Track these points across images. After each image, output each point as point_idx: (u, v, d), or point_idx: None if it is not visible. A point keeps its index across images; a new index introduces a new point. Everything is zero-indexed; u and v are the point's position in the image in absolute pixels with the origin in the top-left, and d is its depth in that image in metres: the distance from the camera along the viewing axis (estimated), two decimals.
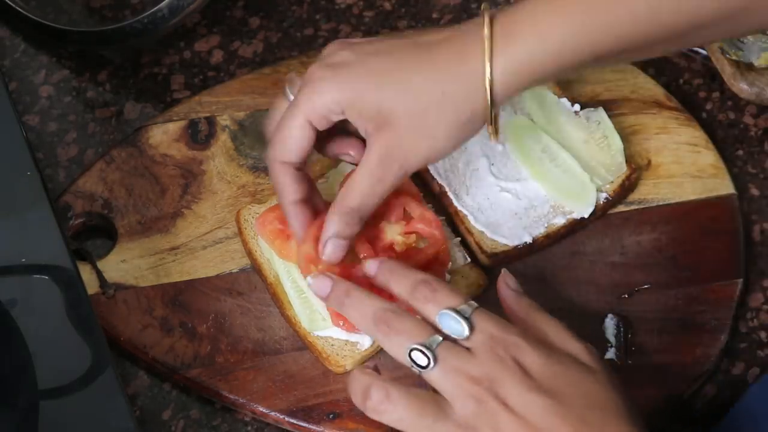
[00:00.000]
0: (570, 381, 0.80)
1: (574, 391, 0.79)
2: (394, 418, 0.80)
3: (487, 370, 0.79)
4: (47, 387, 0.89)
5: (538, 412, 0.77)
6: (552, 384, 0.79)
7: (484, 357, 0.79)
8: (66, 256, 0.96)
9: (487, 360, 0.79)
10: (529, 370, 0.79)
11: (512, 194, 1.02)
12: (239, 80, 1.12)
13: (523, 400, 0.78)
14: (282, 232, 0.99)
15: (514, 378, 0.78)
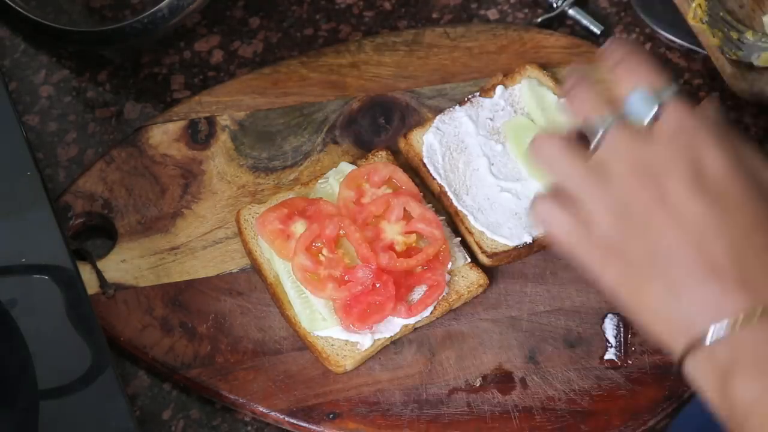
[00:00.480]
0: (745, 199, 0.71)
1: (745, 210, 0.71)
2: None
3: (659, 158, 0.72)
4: (47, 387, 0.89)
5: (695, 218, 0.71)
6: (723, 194, 0.71)
7: (662, 145, 0.73)
8: (66, 256, 0.96)
9: (663, 148, 0.73)
10: (706, 173, 0.72)
11: (512, 194, 1.02)
12: (239, 80, 1.12)
13: (684, 199, 0.71)
14: (282, 232, 0.99)
15: (686, 174, 0.71)
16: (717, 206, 0.71)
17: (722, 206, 0.71)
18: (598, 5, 1.18)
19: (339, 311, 0.96)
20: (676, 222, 0.71)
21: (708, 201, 0.71)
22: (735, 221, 0.71)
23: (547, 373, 0.97)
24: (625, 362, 0.97)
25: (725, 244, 0.70)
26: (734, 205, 0.71)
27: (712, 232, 0.70)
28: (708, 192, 0.71)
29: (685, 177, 0.72)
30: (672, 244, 0.71)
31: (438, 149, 1.04)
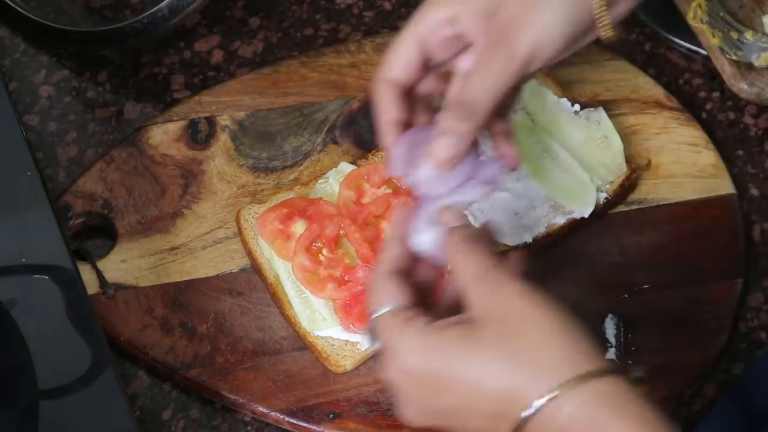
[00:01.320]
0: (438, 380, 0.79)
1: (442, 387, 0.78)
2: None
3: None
4: (47, 387, 0.89)
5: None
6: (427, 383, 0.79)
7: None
8: (66, 256, 0.96)
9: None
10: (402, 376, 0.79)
11: (512, 194, 1.02)
12: (239, 80, 1.12)
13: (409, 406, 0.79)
14: (282, 232, 0.99)
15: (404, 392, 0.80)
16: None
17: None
18: None
19: (339, 311, 0.96)
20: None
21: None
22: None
23: None
24: (625, 362, 0.97)
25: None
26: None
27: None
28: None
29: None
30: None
31: None
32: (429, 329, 0.77)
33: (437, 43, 0.87)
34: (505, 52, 0.83)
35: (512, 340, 0.74)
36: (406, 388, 0.77)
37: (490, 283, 0.77)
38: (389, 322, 0.78)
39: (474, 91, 0.84)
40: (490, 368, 0.74)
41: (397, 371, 0.77)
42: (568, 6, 0.83)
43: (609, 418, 0.71)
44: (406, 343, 0.77)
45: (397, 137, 0.87)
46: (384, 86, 0.88)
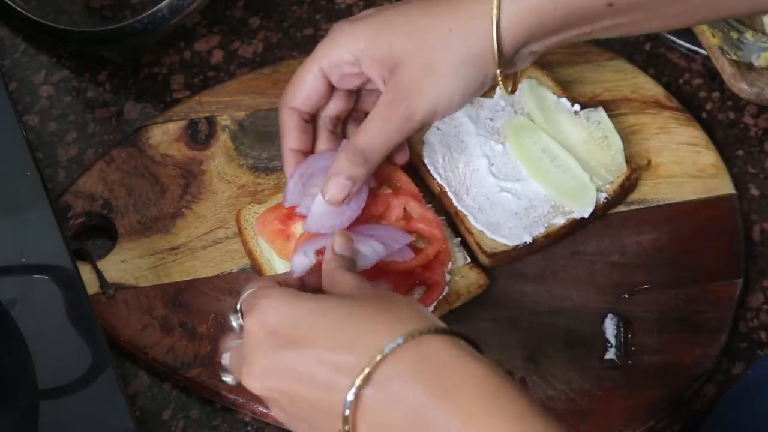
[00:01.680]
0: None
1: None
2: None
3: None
4: (47, 387, 0.89)
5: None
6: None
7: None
8: (66, 256, 0.96)
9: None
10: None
11: (512, 194, 1.02)
12: (239, 80, 1.12)
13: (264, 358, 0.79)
14: (282, 232, 0.99)
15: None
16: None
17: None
18: None
19: None
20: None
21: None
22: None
23: (547, 373, 0.97)
24: (625, 362, 0.97)
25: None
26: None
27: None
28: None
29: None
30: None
31: (438, 149, 1.04)
32: (297, 291, 0.79)
33: (340, 76, 0.93)
34: (403, 113, 0.90)
35: (379, 300, 0.77)
36: (258, 337, 0.77)
37: (367, 284, 0.80)
38: (258, 289, 0.80)
39: (370, 142, 0.91)
40: (346, 321, 0.75)
41: (255, 322, 0.77)
42: (464, 74, 0.90)
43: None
44: (273, 297, 0.78)
45: (296, 165, 0.95)
46: (287, 114, 0.95)
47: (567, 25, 0.89)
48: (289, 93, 0.95)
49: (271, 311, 0.77)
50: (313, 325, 0.76)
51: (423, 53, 0.89)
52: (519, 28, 0.88)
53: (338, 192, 0.92)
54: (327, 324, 0.75)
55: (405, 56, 0.89)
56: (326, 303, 0.77)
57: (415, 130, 0.92)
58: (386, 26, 0.91)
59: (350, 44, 0.91)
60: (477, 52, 0.89)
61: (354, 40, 0.91)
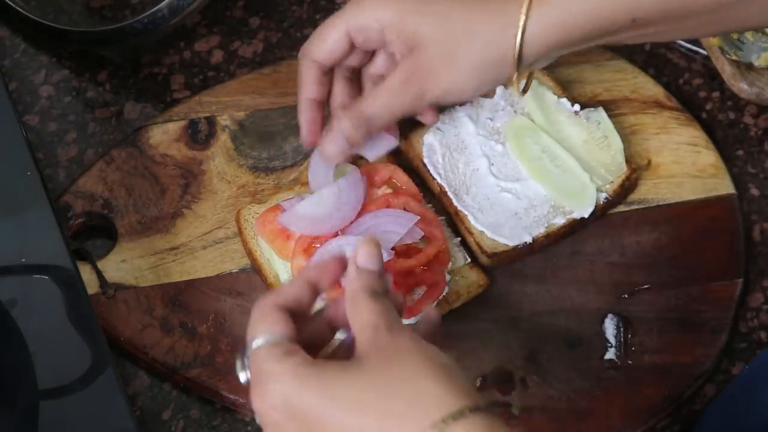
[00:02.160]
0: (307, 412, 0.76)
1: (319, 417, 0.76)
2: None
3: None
4: (47, 387, 0.89)
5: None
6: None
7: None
8: (66, 256, 0.96)
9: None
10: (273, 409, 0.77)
11: (512, 194, 1.02)
12: (239, 80, 1.12)
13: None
14: (282, 232, 0.99)
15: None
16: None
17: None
18: None
19: None
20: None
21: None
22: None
23: (547, 373, 0.97)
24: (625, 362, 0.97)
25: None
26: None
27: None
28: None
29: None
30: None
31: (438, 149, 1.04)
32: (307, 362, 0.74)
33: (364, 39, 0.95)
34: (416, 91, 0.93)
35: (387, 369, 0.72)
36: (275, 420, 0.74)
37: (383, 331, 0.75)
38: (265, 355, 0.75)
39: (376, 111, 0.94)
40: (363, 401, 0.72)
41: (268, 402, 0.74)
42: (482, 71, 0.92)
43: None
44: (281, 374, 0.74)
45: (312, 116, 0.97)
46: (308, 66, 0.97)
47: (591, 37, 0.91)
48: (313, 46, 0.96)
49: (276, 394, 0.74)
50: (328, 408, 0.73)
51: (446, 44, 0.91)
52: (544, 38, 0.90)
53: (335, 149, 0.95)
54: (340, 408, 0.72)
55: (429, 42, 0.92)
56: (333, 381, 0.73)
57: (421, 109, 0.96)
58: (416, 8, 0.93)
59: (380, 14, 0.93)
60: (498, 54, 0.91)
61: (384, 11, 0.93)
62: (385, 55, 0.97)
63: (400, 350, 0.73)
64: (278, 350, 0.75)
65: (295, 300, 0.78)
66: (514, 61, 0.91)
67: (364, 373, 0.73)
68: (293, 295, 0.78)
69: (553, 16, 0.90)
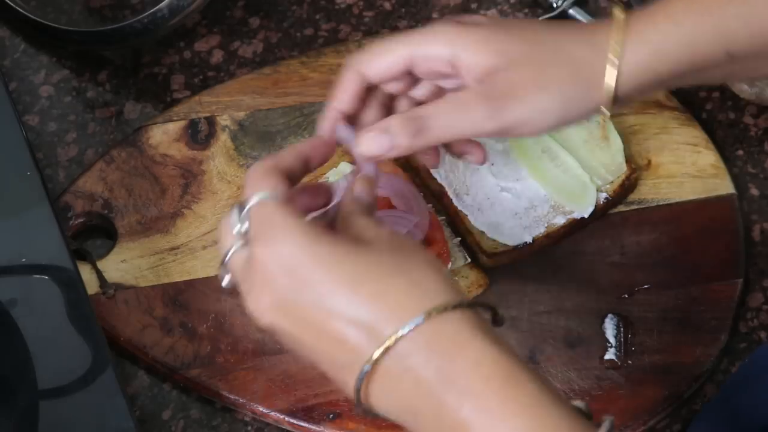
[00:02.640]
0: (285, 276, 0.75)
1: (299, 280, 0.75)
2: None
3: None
4: (47, 387, 0.89)
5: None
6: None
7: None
8: (66, 256, 0.96)
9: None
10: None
11: (512, 194, 1.02)
12: (239, 80, 1.12)
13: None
14: None
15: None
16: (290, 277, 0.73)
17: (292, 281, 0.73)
18: (598, 5, 1.18)
19: None
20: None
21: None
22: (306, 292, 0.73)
23: (547, 373, 0.97)
24: (625, 362, 0.97)
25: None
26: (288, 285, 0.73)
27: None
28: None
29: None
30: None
31: None
32: (318, 225, 0.74)
33: (426, 68, 0.85)
34: (493, 107, 0.82)
35: (391, 255, 0.73)
36: (271, 270, 0.73)
37: (384, 229, 0.76)
38: (274, 207, 0.74)
39: (434, 118, 0.83)
40: (360, 278, 0.72)
41: (269, 252, 0.73)
42: (570, 96, 0.83)
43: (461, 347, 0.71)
44: (292, 229, 0.73)
45: (334, 125, 0.87)
46: (352, 77, 0.86)
47: (684, 73, 0.84)
48: (366, 61, 0.86)
49: (287, 246, 0.73)
50: (330, 272, 0.72)
51: (534, 66, 0.83)
52: (637, 74, 0.83)
53: (374, 147, 0.83)
54: (345, 274, 0.72)
55: (513, 62, 0.83)
56: (345, 248, 0.73)
57: (491, 134, 0.84)
58: (499, 32, 0.84)
59: (455, 42, 0.83)
60: (588, 85, 0.83)
61: (460, 39, 0.83)
62: (430, 85, 0.88)
63: (403, 244, 0.75)
64: (283, 207, 0.75)
65: (290, 167, 0.79)
66: (610, 98, 0.83)
67: (372, 252, 0.74)
68: (287, 163, 0.79)
69: (648, 51, 0.83)
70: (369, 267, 0.73)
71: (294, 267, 0.73)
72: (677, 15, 0.83)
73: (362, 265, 0.73)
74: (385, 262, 0.73)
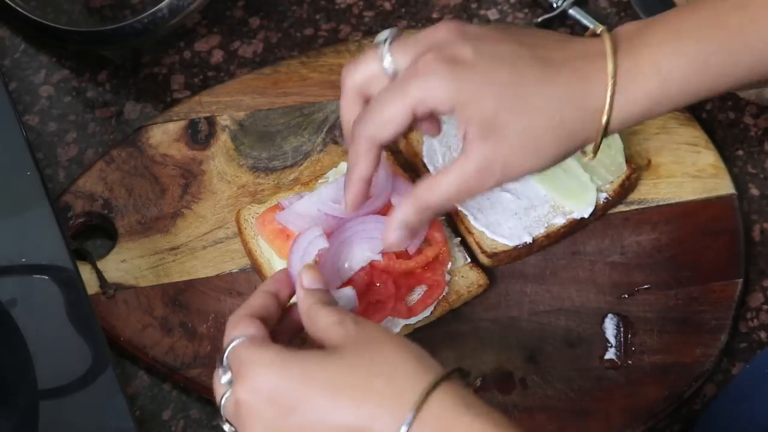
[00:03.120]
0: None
1: None
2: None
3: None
4: (47, 387, 0.89)
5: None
6: None
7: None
8: (66, 256, 0.96)
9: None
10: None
11: (512, 194, 1.02)
12: (239, 80, 1.12)
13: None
14: (282, 231, 0.99)
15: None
16: None
17: None
18: (598, 5, 1.18)
19: None
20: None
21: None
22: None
23: (547, 373, 0.97)
24: (625, 362, 0.97)
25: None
26: None
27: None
28: None
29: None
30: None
31: (438, 149, 1.04)
32: (286, 350, 0.78)
33: (429, 114, 0.87)
34: (492, 180, 0.85)
35: (363, 353, 0.76)
36: (255, 407, 0.77)
37: (350, 323, 0.79)
38: (245, 348, 0.79)
39: (437, 195, 0.86)
40: (340, 384, 0.75)
41: (248, 390, 0.77)
42: (565, 148, 0.87)
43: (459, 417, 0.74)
44: (262, 362, 0.77)
45: (362, 194, 0.90)
46: (369, 148, 0.88)
47: (677, 106, 0.87)
48: (375, 127, 0.87)
49: (262, 379, 0.77)
50: (309, 387, 0.76)
51: (528, 136, 0.85)
52: (629, 113, 0.86)
53: (399, 241, 0.88)
54: (322, 386, 0.75)
55: (507, 132, 0.84)
56: (315, 361, 0.77)
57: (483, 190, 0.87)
58: (493, 91, 0.84)
59: (449, 94, 0.84)
60: (581, 143, 0.87)
61: (454, 92, 0.84)
62: (435, 119, 0.91)
63: (372, 337, 0.78)
64: (255, 344, 0.79)
65: (263, 308, 0.84)
66: (596, 140, 0.87)
67: (343, 357, 0.77)
68: (259, 306, 0.84)
69: (641, 94, 0.85)
70: (342, 374, 0.76)
71: (273, 395, 0.76)
72: (665, 68, 0.85)
73: (336, 374, 0.76)
74: (357, 364, 0.76)
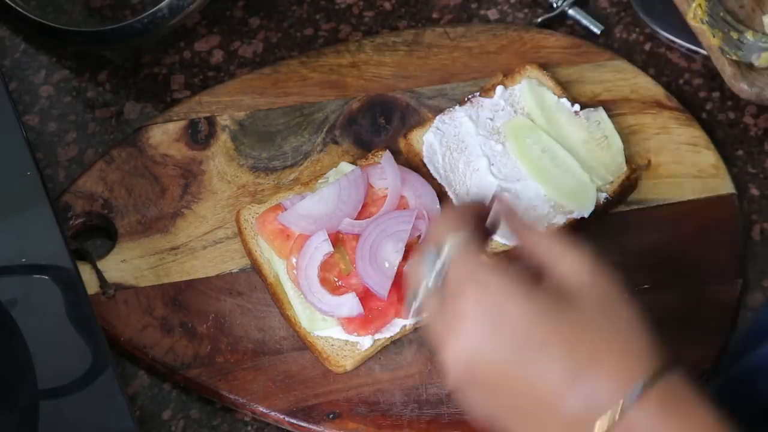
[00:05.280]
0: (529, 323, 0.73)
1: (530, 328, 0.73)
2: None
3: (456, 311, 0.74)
4: (47, 387, 0.89)
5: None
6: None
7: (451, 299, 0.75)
8: (66, 256, 0.96)
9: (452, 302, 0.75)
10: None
11: (512, 194, 1.02)
12: (239, 80, 1.12)
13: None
14: (282, 231, 0.99)
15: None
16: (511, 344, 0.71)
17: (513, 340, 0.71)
18: (598, 5, 1.18)
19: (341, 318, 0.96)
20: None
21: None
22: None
23: None
24: None
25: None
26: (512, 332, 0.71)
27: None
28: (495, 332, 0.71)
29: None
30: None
31: (438, 149, 1.04)
32: (528, 282, 0.72)
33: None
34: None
35: (602, 316, 0.71)
36: (482, 333, 0.71)
37: (599, 275, 0.74)
38: (486, 261, 0.72)
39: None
40: (575, 342, 0.70)
41: (481, 313, 0.71)
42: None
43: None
44: (504, 283, 0.71)
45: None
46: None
47: None
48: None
49: (510, 308, 0.71)
50: (551, 331, 0.70)
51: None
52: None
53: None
54: (561, 336, 0.70)
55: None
56: (558, 307, 0.71)
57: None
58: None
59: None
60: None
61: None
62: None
63: (609, 298, 0.73)
64: (485, 255, 0.73)
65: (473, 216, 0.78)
66: None
67: (582, 312, 0.72)
68: (470, 211, 0.78)
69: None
70: (582, 328, 0.71)
71: (512, 327, 0.71)
72: None
73: (576, 326, 0.71)
74: (596, 322, 0.71)
